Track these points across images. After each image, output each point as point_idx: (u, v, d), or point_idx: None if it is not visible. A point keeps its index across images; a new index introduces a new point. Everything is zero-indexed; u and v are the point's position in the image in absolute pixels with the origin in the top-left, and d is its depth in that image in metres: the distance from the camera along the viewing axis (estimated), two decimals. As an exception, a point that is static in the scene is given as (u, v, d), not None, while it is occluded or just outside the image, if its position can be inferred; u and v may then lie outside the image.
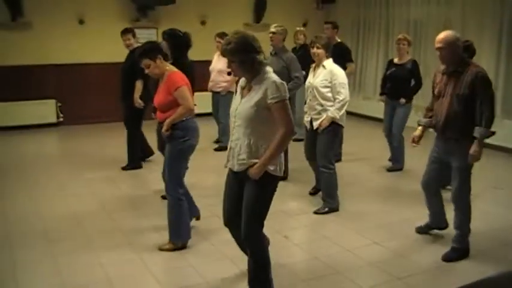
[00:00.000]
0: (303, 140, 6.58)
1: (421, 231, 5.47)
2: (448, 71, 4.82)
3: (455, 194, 4.94)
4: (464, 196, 4.93)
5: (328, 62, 6.04)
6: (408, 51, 7.73)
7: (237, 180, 3.91)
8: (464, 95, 4.66)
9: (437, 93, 4.93)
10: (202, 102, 8.64)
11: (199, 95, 8.55)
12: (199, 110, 9.16)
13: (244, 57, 3.71)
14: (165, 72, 4.94)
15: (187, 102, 4.79)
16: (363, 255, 4.99)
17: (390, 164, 7.91)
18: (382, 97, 8.02)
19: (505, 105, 9.38)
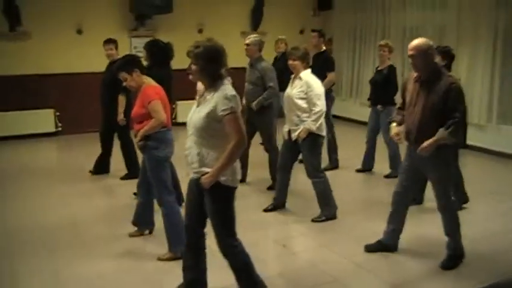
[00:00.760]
0: None
1: (370, 249, 5.27)
2: (420, 79, 4.76)
3: (440, 204, 4.87)
4: (448, 204, 4.88)
5: (305, 73, 6.03)
6: (390, 58, 7.82)
7: (197, 186, 3.92)
8: (437, 106, 4.60)
9: (409, 101, 4.86)
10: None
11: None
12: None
13: (207, 65, 3.78)
14: (142, 85, 5.09)
15: (158, 115, 4.94)
16: (361, 263, 5.02)
17: (389, 171, 7.93)
18: (368, 102, 8.21)
19: (501, 111, 9.43)
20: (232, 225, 3.96)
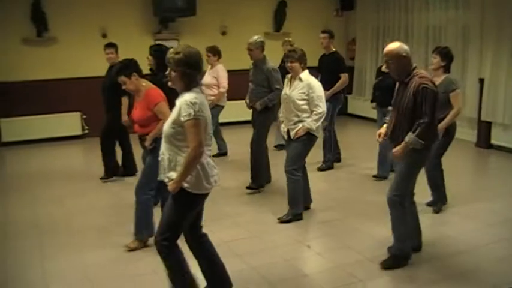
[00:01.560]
0: None
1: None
2: (400, 81, 4.83)
3: (387, 196, 4.87)
4: (394, 200, 4.83)
5: (304, 74, 6.05)
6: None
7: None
8: (407, 107, 4.65)
9: (393, 103, 4.96)
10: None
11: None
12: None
13: (187, 70, 3.83)
14: (141, 88, 5.21)
15: (166, 117, 4.93)
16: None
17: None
18: (373, 104, 8.12)
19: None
20: (176, 228, 3.99)
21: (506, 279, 4.67)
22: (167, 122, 3.96)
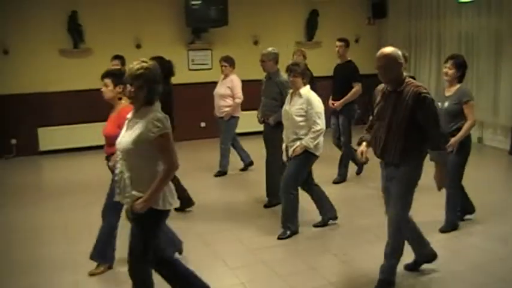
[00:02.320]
0: None
1: (409, 268, 5.06)
2: (387, 91, 4.52)
3: (390, 221, 4.60)
4: (399, 226, 4.56)
5: (304, 90, 5.91)
6: (406, 67, 7.43)
7: (133, 212, 3.86)
8: (404, 118, 4.32)
9: (376, 115, 4.60)
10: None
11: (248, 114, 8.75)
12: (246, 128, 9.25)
13: (147, 85, 3.75)
14: (117, 102, 5.15)
15: None
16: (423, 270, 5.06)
17: None
18: None
19: None
20: (148, 252, 3.87)
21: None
22: (125, 139, 3.81)
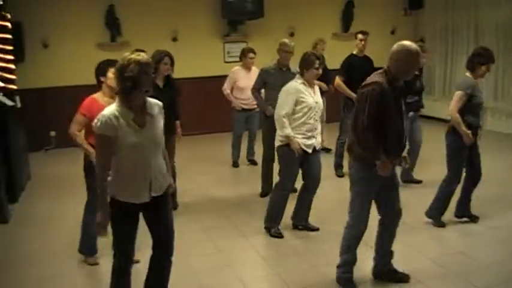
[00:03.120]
0: None
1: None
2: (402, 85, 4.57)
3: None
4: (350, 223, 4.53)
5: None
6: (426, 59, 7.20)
7: None
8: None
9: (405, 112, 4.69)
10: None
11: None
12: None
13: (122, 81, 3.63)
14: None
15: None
16: (446, 265, 5.03)
17: None
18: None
19: None
20: (117, 241, 3.85)
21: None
22: (160, 130, 3.84)
